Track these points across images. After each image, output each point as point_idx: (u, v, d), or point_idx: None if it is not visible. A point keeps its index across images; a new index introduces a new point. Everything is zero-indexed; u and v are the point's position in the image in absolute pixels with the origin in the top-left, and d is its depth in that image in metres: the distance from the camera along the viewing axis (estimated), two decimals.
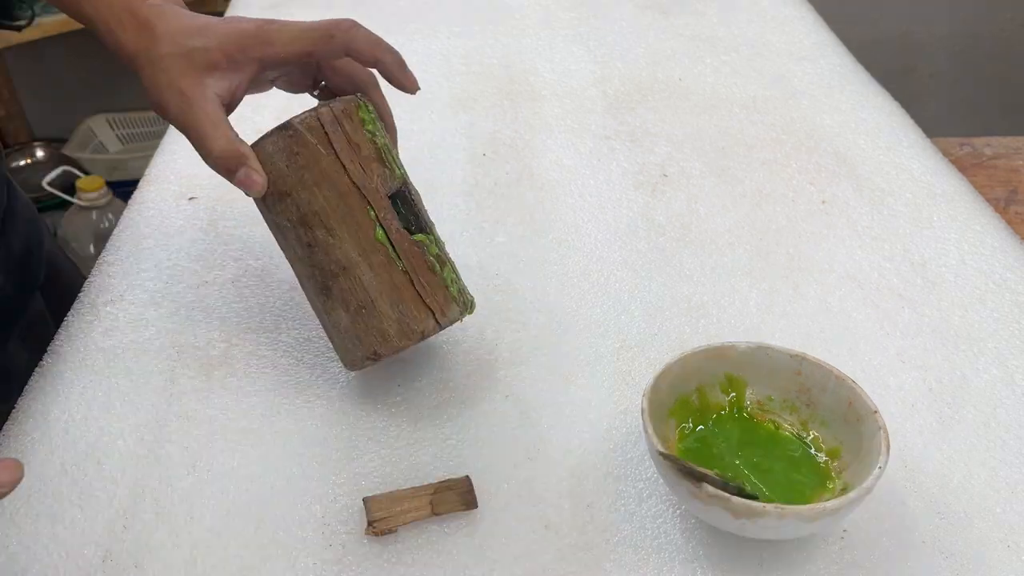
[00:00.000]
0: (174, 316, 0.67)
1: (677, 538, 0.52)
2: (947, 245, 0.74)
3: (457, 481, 0.54)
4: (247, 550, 0.51)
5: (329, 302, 0.56)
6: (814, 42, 1.09)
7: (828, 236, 0.76)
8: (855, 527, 0.52)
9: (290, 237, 0.57)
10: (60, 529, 0.52)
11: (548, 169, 0.85)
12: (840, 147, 0.88)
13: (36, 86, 2.19)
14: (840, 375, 0.53)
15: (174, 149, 0.88)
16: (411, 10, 1.17)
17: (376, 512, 0.52)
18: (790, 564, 0.50)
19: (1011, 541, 0.52)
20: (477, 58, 1.05)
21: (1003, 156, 1.15)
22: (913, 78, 2.18)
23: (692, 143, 0.89)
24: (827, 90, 0.98)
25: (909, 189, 0.82)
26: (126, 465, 0.56)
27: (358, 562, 0.51)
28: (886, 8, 2.12)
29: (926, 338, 0.65)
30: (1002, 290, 0.70)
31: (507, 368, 0.63)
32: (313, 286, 0.57)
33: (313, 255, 0.56)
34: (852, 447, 0.52)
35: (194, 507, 0.54)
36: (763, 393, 0.56)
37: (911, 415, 0.59)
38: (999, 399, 0.60)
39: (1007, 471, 0.56)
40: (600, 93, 0.98)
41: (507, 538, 0.52)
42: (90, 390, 0.61)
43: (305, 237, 0.56)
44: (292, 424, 0.59)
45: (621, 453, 0.57)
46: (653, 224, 0.78)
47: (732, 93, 0.98)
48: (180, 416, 0.59)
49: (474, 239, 0.76)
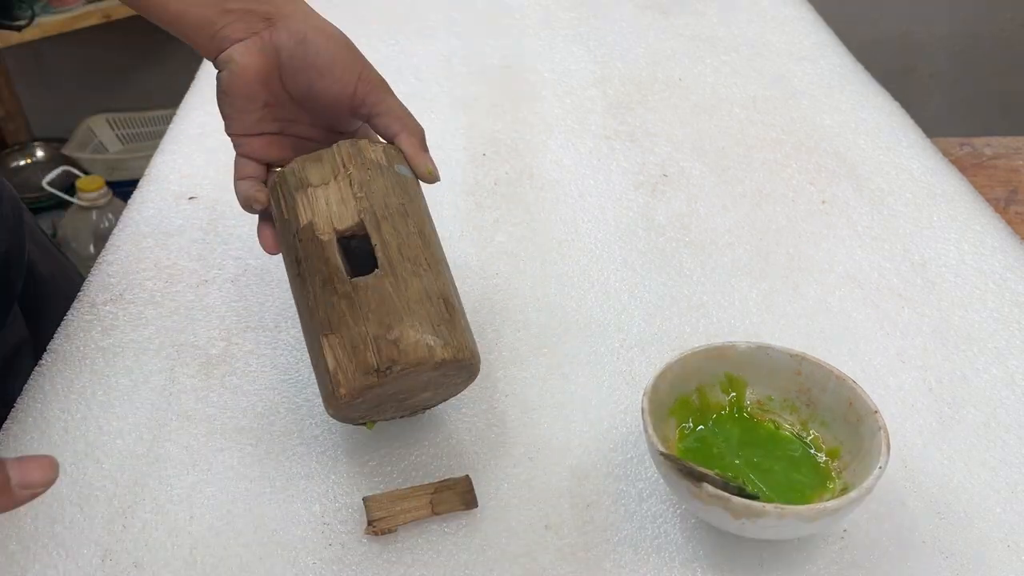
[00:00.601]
0: (174, 315, 0.67)
1: (677, 538, 0.52)
2: (947, 245, 0.74)
3: (457, 480, 0.54)
4: (247, 549, 0.51)
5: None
6: (814, 42, 1.09)
7: (828, 236, 0.76)
8: (855, 527, 0.52)
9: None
10: (59, 528, 0.52)
11: (548, 169, 0.85)
12: (840, 147, 0.88)
13: (36, 86, 2.19)
14: (840, 375, 0.53)
15: (174, 149, 0.88)
16: (411, 10, 1.16)
17: (376, 511, 0.52)
18: (790, 564, 0.50)
19: (1011, 541, 0.52)
20: (477, 58, 1.05)
21: (1003, 156, 1.15)
22: (913, 78, 2.18)
23: (692, 143, 0.89)
24: (827, 90, 0.98)
25: (909, 189, 0.81)
26: (125, 464, 0.56)
27: (358, 561, 0.50)
28: (886, 8, 2.12)
29: (926, 338, 0.65)
30: (1002, 290, 0.70)
31: (507, 368, 0.63)
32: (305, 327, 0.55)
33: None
34: (852, 447, 0.52)
35: (193, 506, 0.53)
36: (763, 393, 0.56)
37: (911, 415, 0.59)
38: (999, 399, 0.60)
39: (1007, 471, 0.56)
40: (600, 93, 0.98)
41: (507, 538, 0.52)
42: (89, 389, 0.61)
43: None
44: (292, 423, 0.59)
45: (621, 453, 0.57)
46: (653, 224, 0.77)
47: (732, 93, 0.98)
48: (179, 415, 0.59)
49: (474, 239, 0.76)
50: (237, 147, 0.59)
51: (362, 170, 0.54)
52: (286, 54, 0.56)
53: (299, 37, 0.56)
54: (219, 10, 0.56)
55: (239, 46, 0.56)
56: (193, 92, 1.00)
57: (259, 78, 0.57)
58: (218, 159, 0.85)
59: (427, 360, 0.49)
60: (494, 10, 1.17)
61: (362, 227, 0.53)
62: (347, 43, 0.58)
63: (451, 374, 0.52)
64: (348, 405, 0.50)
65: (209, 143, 0.88)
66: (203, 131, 0.90)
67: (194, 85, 1.02)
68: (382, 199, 0.54)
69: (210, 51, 0.57)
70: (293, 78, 0.57)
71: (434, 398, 0.56)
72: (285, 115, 0.59)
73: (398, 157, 0.57)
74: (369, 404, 0.52)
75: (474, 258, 0.73)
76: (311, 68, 0.57)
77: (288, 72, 0.57)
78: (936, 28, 2.15)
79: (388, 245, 0.52)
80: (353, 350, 0.49)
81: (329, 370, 0.50)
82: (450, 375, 0.53)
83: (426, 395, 0.54)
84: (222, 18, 0.56)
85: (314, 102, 0.58)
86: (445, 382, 0.53)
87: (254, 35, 0.56)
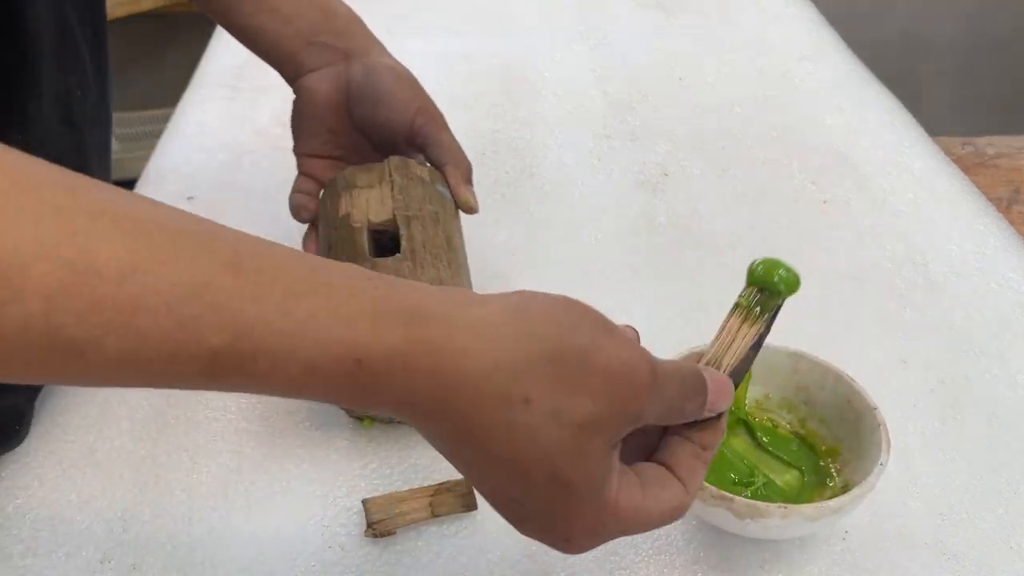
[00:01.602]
0: None
1: (678, 540, 0.52)
2: (949, 245, 0.74)
3: (457, 483, 0.53)
4: (246, 551, 0.51)
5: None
6: (816, 41, 1.09)
7: (829, 236, 0.76)
8: (856, 528, 0.52)
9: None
10: (59, 530, 0.52)
11: (548, 168, 0.85)
12: (842, 146, 0.88)
13: None
14: (838, 372, 0.53)
15: (173, 149, 0.88)
16: (411, 10, 1.16)
17: (375, 513, 0.51)
18: (791, 565, 0.50)
19: (1014, 542, 0.51)
20: (477, 58, 1.05)
21: (1005, 156, 1.15)
22: (915, 77, 2.17)
23: (693, 142, 0.89)
24: (829, 89, 0.98)
25: (911, 189, 0.81)
26: (125, 466, 0.56)
27: (357, 564, 0.50)
28: (888, 7, 2.11)
29: (928, 338, 0.65)
30: (1004, 290, 0.69)
31: None
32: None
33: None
34: (852, 445, 0.52)
35: (193, 508, 0.53)
36: (761, 391, 0.56)
37: (913, 415, 0.59)
38: (1001, 399, 0.60)
39: (1009, 472, 0.55)
40: (600, 92, 0.98)
41: (506, 540, 0.52)
42: (88, 390, 0.61)
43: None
44: (291, 425, 0.59)
45: None
46: (654, 224, 0.77)
47: (734, 92, 0.97)
48: (179, 417, 0.59)
49: (474, 239, 0.75)
50: (300, 166, 0.64)
51: (405, 179, 0.58)
52: (355, 85, 0.62)
53: (368, 69, 0.62)
54: (304, 43, 0.62)
55: (315, 75, 0.62)
56: (191, 92, 1.00)
57: (328, 104, 0.62)
58: (216, 159, 0.85)
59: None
60: (494, 9, 1.17)
61: (394, 223, 0.57)
62: (412, 80, 0.63)
63: None
64: None
65: (207, 143, 0.88)
66: (201, 131, 0.90)
67: (192, 85, 1.01)
68: (418, 204, 0.58)
69: (291, 77, 0.64)
70: (359, 106, 0.62)
71: None
72: (348, 142, 0.64)
73: (442, 180, 0.61)
74: None
75: (474, 258, 0.73)
76: (375, 97, 0.61)
77: (355, 101, 0.62)
78: (939, 27, 2.15)
79: (414, 239, 0.56)
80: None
81: None
82: None
83: None
84: (306, 50, 0.62)
85: (375, 130, 0.63)
86: None
87: (329, 66, 0.62)
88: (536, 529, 0.36)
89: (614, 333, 0.35)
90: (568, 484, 0.33)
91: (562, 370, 0.33)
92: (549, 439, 0.33)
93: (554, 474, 0.33)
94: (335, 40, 0.62)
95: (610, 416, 0.34)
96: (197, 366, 0.29)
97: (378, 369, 0.31)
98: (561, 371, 0.33)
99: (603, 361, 0.34)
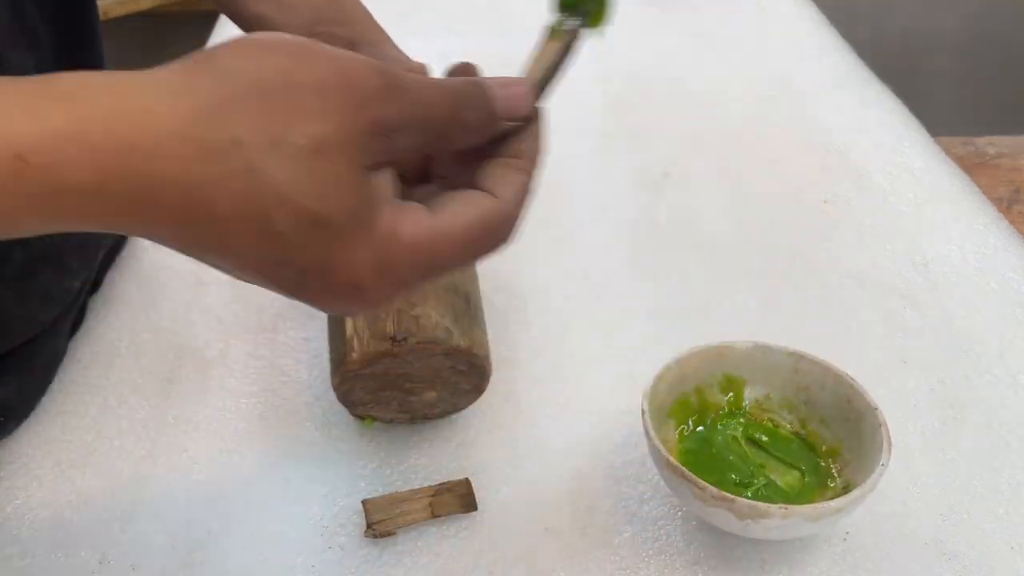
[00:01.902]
0: (172, 317, 0.67)
1: (678, 540, 0.51)
2: (950, 245, 0.74)
3: (456, 483, 0.53)
4: (246, 552, 0.51)
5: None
6: (817, 41, 1.09)
7: (830, 235, 0.76)
8: (857, 529, 0.52)
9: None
10: (57, 531, 0.52)
11: (548, 168, 0.84)
12: (842, 146, 0.87)
13: None
14: (838, 372, 0.53)
15: None
16: (411, 10, 1.16)
17: (375, 514, 0.51)
18: (792, 566, 0.50)
19: (1015, 542, 0.51)
20: (477, 58, 1.04)
21: (1006, 155, 1.15)
22: (916, 77, 2.17)
23: (694, 142, 0.88)
24: (830, 89, 0.98)
25: (911, 188, 0.81)
26: (124, 466, 0.56)
27: (357, 564, 0.50)
28: (889, 7, 2.11)
29: (928, 338, 0.65)
30: (1005, 290, 0.69)
31: (507, 368, 0.62)
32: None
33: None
34: (852, 445, 0.52)
35: (192, 509, 0.53)
36: (761, 392, 0.56)
37: (913, 416, 0.59)
38: (1002, 400, 0.60)
39: (1010, 472, 0.55)
40: (601, 91, 0.98)
41: (507, 540, 0.51)
42: (89, 390, 0.61)
43: None
44: (291, 425, 0.59)
45: (622, 454, 0.56)
46: (654, 223, 0.77)
47: (734, 91, 0.97)
48: (178, 417, 0.59)
49: None
50: None
51: None
52: None
53: (372, 55, 0.60)
54: (308, 32, 0.59)
55: None
56: None
57: None
58: None
59: (443, 341, 0.51)
60: (494, 9, 1.17)
61: None
62: (419, 67, 0.61)
63: (461, 371, 0.53)
64: (356, 375, 0.51)
65: None
66: None
67: None
68: None
69: None
70: None
71: (438, 403, 0.56)
72: None
73: None
74: (375, 384, 0.52)
75: None
76: None
77: None
78: (939, 27, 2.15)
79: None
80: (374, 318, 0.51)
81: (345, 336, 0.52)
82: (460, 373, 0.53)
83: (431, 395, 0.55)
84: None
85: None
86: (453, 382, 0.54)
87: None
88: (318, 289, 0.32)
89: (320, 47, 0.32)
90: (317, 218, 0.30)
91: (268, 99, 0.29)
92: (277, 174, 0.29)
93: (298, 211, 0.29)
94: (339, 29, 0.61)
95: (340, 131, 0.30)
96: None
97: (45, 161, 0.26)
98: (267, 100, 0.29)
99: (313, 76, 0.30)
